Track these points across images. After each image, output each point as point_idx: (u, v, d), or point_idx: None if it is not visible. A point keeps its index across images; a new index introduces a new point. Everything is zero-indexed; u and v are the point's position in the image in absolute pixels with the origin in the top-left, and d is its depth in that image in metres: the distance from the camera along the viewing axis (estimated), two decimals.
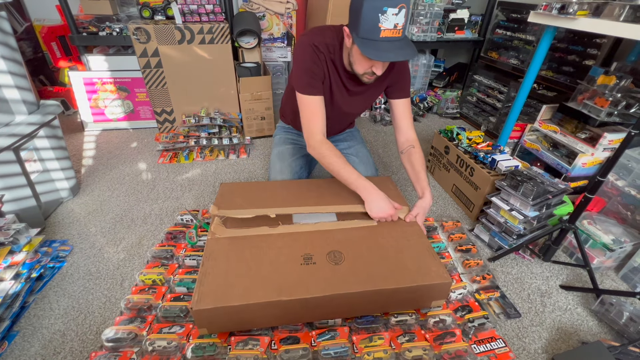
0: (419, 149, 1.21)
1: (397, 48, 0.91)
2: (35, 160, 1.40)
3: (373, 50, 0.90)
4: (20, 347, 0.95)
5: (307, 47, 1.04)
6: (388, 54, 0.91)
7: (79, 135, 2.19)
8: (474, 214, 1.52)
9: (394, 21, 0.87)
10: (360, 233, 1.06)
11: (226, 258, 0.94)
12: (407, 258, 0.98)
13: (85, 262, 1.24)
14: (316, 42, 1.04)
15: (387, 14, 0.85)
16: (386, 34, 0.89)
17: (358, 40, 0.91)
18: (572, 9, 1.36)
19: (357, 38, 0.92)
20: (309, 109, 1.08)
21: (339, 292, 0.87)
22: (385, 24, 0.87)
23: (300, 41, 1.08)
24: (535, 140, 1.83)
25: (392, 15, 0.86)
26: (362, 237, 1.04)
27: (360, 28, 0.89)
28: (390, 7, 0.85)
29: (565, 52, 1.98)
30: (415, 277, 0.93)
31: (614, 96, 1.43)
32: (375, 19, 0.86)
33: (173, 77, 2.04)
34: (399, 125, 1.24)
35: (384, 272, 0.93)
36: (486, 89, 2.51)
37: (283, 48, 2.53)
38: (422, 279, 0.92)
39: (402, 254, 0.99)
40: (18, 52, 1.28)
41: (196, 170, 1.86)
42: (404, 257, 0.98)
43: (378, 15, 0.85)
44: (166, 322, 0.99)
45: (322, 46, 1.05)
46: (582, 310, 1.14)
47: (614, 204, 1.42)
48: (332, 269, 0.92)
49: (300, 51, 1.06)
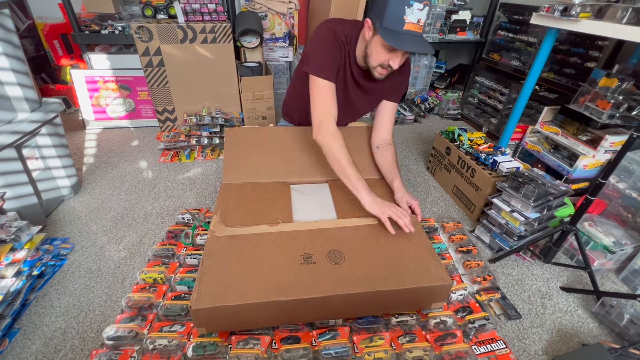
0: (394, 148, 1.26)
1: (418, 42, 0.94)
2: (37, 158, 1.40)
3: (396, 40, 0.92)
4: (21, 344, 0.96)
5: (329, 33, 1.05)
6: (410, 44, 0.93)
7: (81, 133, 2.19)
8: (475, 215, 1.53)
9: (418, 16, 0.90)
10: (360, 232, 1.06)
11: (225, 257, 0.94)
12: (407, 259, 0.98)
13: (86, 260, 1.24)
14: (337, 31, 1.05)
15: (413, 7, 0.88)
16: (409, 27, 0.91)
17: (382, 30, 0.94)
18: (575, 11, 1.37)
19: (380, 28, 0.94)
20: (324, 93, 1.07)
21: (338, 293, 0.87)
22: (410, 17, 0.90)
23: (321, 27, 1.08)
24: (537, 142, 1.83)
25: (417, 10, 0.89)
26: (363, 236, 1.04)
27: (386, 18, 0.92)
28: (417, 1, 0.88)
29: (567, 54, 1.98)
30: (415, 278, 0.92)
31: (615, 98, 1.43)
32: (401, 11, 0.89)
33: (175, 76, 2.04)
34: (380, 125, 1.26)
35: (384, 273, 0.93)
36: (488, 90, 2.51)
37: (285, 48, 2.53)
38: (422, 281, 0.92)
39: (402, 254, 0.99)
40: (21, 50, 1.28)
41: (197, 169, 1.86)
42: (404, 257, 0.98)
43: (404, 7, 0.89)
44: (167, 321, 0.99)
45: (342, 35, 1.06)
46: (582, 312, 1.14)
47: (615, 206, 1.42)
48: (332, 269, 0.92)
49: (321, 35, 1.07)
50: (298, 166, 1.24)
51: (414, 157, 2.12)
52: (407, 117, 2.63)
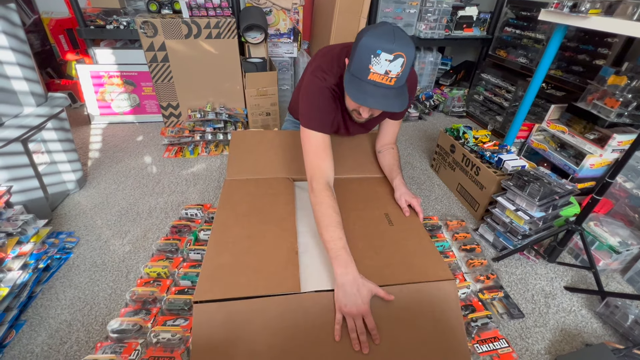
0: (397, 150, 1.23)
1: (382, 95, 0.83)
2: (42, 152, 1.41)
3: (354, 90, 0.85)
4: (27, 335, 0.97)
5: (323, 91, 0.99)
6: (368, 98, 0.83)
7: (86, 128, 2.20)
8: (479, 214, 1.52)
9: (386, 67, 0.80)
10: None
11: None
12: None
13: (91, 254, 1.25)
14: (328, 80, 0.99)
15: (380, 57, 0.79)
16: (374, 77, 0.82)
17: (347, 75, 0.87)
18: (584, 7, 1.34)
19: (347, 73, 0.88)
20: (316, 146, 0.99)
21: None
22: (375, 67, 0.80)
23: (313, 82, 0.99)
24: (543, 140, 1.81)
25: (385, 60, 0.79)
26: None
27: (353, 64, 0.84)
28: (385, 52, 0.78)
29: (576, 51, 1.95)
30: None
31: (624, 97, 1.41)
32: (367, 59, 0.80)
33: (179, 71, 2.04)
34: (383, 136, 1.24)
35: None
36: (493, 87, 2.49)
37: (289, 44, 2.52)
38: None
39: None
40: (27, 45, 1.29)
41: (201, 164, 1.87)
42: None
43: (370, 56, 0.80)
44: (170, 315, 1.00)
45: (336, 86, 1.00)
46: (586, 312, 1.14)
47: (621, 206, 1.40)
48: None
49: (315, 93, 1.00)
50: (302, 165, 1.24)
51: (418, 155, 2.11)
52: (412, 115, 2.61)
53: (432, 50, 2.74)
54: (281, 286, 0.86)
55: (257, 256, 0.94)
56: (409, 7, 2.39)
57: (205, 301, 0.80)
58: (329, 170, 0.98)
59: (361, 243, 1.01)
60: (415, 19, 2.46)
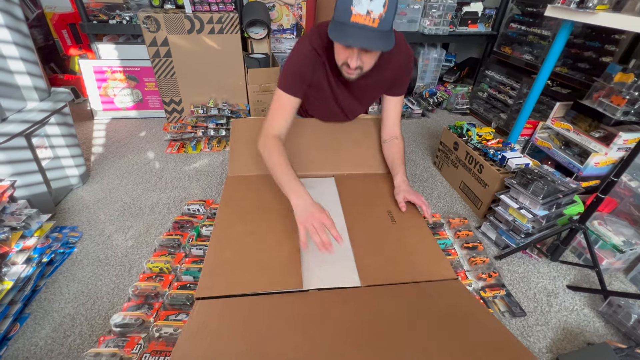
0: (402, 142, 1.21)
1: (365, 36, 0.82)
2: (46, 147, 1.42)
3: (337, 33, 0.83)
4: (31, 329, 0.98)
5: (303, 50, 1.00)
6: (350, 38, 0.82)
7: (89, 123, 2.21)
8: (482, 212, 1.51)
9: (367, 7, 0.79)
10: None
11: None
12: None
13: (94, 249, 1.26)
14: (315, 45, 0.99)
15: None
16: (357, 19, 0.80)
17: (332, 23, 0.86)
18: (592, 3, 1.32)
19: (332, 22, 0.87)
20: (278, 104, 1.05)
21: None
22: (357, 7, 0.79)
23: (301, 41, 1.02)
24: (547, 138, 1.80)
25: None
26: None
27: (336, 9, 0.84)
28: None
29: (582, 48, 1.93)
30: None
31: (631, 94, 1.39)
32: (348, 1, 0.80)
33: (182, 67, 2.04)
34: (385, 119, 1.22)
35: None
36: (498, 84, 2.47)
37: (292, 39, 2.50)
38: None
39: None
40: (30, 39, 1.29)
41: (203, 160, 1.87)
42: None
43: None
44: (173, 310, 1.01)
45: (320, 49, 1.00)
46: (588, 311, 1.13)
47: (625, 205, 1.39)
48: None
49: (295, 51, 1.03)
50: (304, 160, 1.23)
51: (420, 152, 2.10)
52: (415, 111, 2.59)
53: (436, 47, 2.72)
54: (284, 283, 0.86)
55: (260, 253, 0.94)
56: (413, 2, 2.37)
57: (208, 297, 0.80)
58: (283, 128, 1.05)
59: (363, 241, 1.01)
60: (419, 14, 2.43)
